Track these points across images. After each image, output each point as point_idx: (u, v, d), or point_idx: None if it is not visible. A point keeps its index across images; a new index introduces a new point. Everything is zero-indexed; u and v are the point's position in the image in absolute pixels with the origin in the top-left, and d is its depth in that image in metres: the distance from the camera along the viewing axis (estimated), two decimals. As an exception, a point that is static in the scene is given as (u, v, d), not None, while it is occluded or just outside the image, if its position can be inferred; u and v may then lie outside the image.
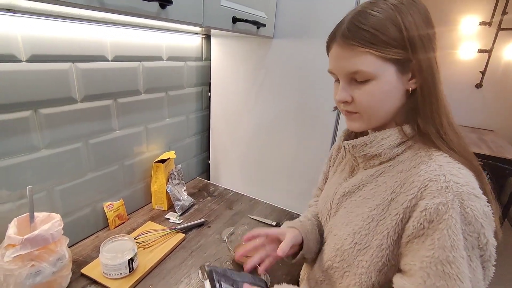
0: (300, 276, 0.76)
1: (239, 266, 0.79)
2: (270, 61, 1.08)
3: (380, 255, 0.50)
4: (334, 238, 0.58)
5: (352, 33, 0.48)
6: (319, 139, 1.05)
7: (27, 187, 0.68)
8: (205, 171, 1.45)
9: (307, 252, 0.65)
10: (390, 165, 0.53)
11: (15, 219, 0.68)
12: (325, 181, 0.77)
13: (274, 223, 1.04)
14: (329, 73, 0.56)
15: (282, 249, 0.58)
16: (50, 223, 0.67)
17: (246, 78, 1.15)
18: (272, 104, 1.12)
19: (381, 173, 0.54)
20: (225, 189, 1.29)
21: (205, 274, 0.57)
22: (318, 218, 0.73)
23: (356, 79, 0.50)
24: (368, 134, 0.58)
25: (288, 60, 1.04)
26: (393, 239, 0.49)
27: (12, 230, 0.65)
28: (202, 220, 1.02)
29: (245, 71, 1.14)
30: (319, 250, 0.65)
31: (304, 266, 0.72)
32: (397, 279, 0.48)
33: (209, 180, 1.39)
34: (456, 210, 0.43)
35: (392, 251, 0.50)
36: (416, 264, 0.45)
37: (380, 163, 0.55)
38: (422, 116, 0.50)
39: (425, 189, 0.46)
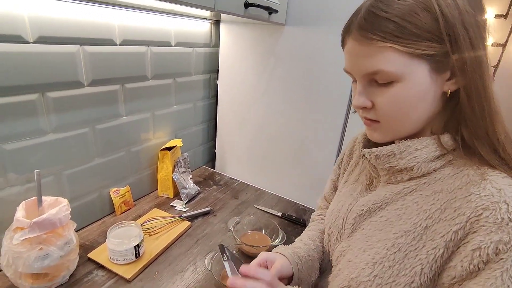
0: None
1: (244, 256, 0.79)
2: (280, 49, 1.05)
3: None
4: (348, 265, 0.48)
5: (370, 24, 0.38)
6: (329, 132, 1.03)
7: (35, 171, 0.68)
8: (211, 160, 1.45)
9: (298, 284, 0.58)
10: (425, 183, 0.43)
11: (23, 202, 0.68)
12: (334, 191, 0.70)
13: (279, 214, 1.04)
14: (345, 73, 0.47)
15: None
16: (57, 207, 0.67)
17: (255, 66, 1.12)
18: (281, 93, 1.10)
19: (411, 191, 0.44)
20: (230, 178, 1.28)
21: (225, 255, 0.54)
22: (319, 238, 0.65)
23: (377, 81, 0.41)
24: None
25: (299, 48, 1.01)
26: (428, 277, 0.40)
27: (20, 213, 0.65)
28: (208, 208, 1.02)
29: (255, 59, 1.12)
30: (324, 271, 0.59)
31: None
32: None
33: (214, 169, 1.39)
34: None
35: None
36: None
37: (410, 179, 0.45)
38: (468, 124, 0.40)
39: (477, 220, 0.36)
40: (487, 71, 0.38)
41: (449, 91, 0.40)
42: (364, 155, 0.49)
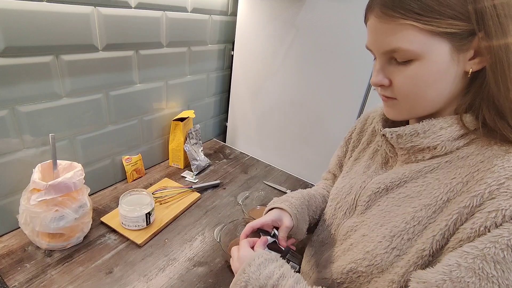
0: (301, 269, 0.65)
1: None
2: (302, 20, 0.99)
3: (418, 262, 0.40)
4: (363, 239, 0.48)
5: (391, 0, 0.38)
6: (346, 110, 1.00)
7: (50, 134, 0.68)
8: (222, 133, 1.44)
9: (296, 234, 0.61)
10: (447, 161, 0.42)
11: (39, 164, 0.70)
12: (339, 167, 0.69)
13: (288, 191, 1.04)
14: (367, 50, 0.45)
15: (284, 242, 0.56)
16: (72, 171, 0.68)
17: (274, 38, 1.07)
18: (299, 68, 1.05)
19: (432, 169, 0.43)
20: (241, 152, 1.28)
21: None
22: (315, 199, 0.66)
23: (396, 59, 0.40)
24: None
25: (321, 20, 0.95)
26: (440, 244, 0.39)
27: (36, 175, 0.66)
28: (218, 181, 1.03)
29: (273, 30, 1.06)
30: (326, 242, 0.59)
31: (308, 258, 0.63)
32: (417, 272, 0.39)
33: (225, 142, 1.38)
34: None
35: (434, 257, 0.40)
36: (449, 257, 0.36)
37: (432, 157, 0.44)
38: (493, 104, 0.38)
39: (498, 189, 0.35)
40: None
41: (471, 70, 0.39)
42: (384, 135, 0.48)
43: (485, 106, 0.39)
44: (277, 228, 0.59)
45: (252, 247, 0.54)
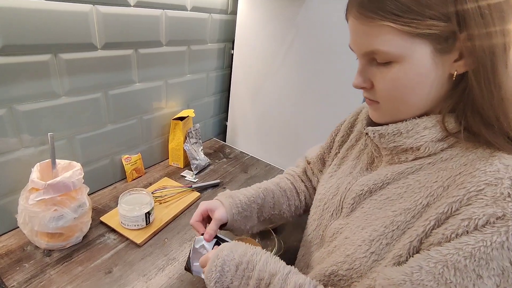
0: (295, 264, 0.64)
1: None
2: (302, 20, 0.99)
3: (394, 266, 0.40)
4: (345, 242, 0.47)
5: (369, 1, 0.36)
6: (345, 110, 0.99)
7: (48, 133, 0.68)
8: (222, 132, 1.43)
9: (233, 231, 0.62)
10: (430, 162, 0.41)
11: (38, 164, 0.69)
12: (320, 160, 0.68)
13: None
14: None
15: (209, 234, 0.56)
16: (71, 171, 0.67)
17: (274, 37, 1.07)
18: (299, 68, 1.05)
19: (414, 171, 0.42)
20: (241, 152, 1.28)
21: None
22: (273, 194, 0.66)
23: (377, 60, 0.39)
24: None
25: (323, 20, 0.95)
26: (416, 250, 0.38)
27: (35, 174, 0.65)
28: (218, 181, 1.03)
29: (274, 29, 1.06)
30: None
31: (299, 258, 0.63)
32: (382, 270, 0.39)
33: (225, 141, 1.38)
34: None
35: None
36: (415, 259, 0.36)
37: (415, 159, 0.42)
38: (477, 109, 0.37)
39: (476, 194, 0.34)
40: (501, 54, 0.34)
41: (456, 73, 0.37)
42: (367, 134, 0.47)
43: (469, 112, 0.37)
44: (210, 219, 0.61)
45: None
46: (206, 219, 0.62)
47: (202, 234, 0.57)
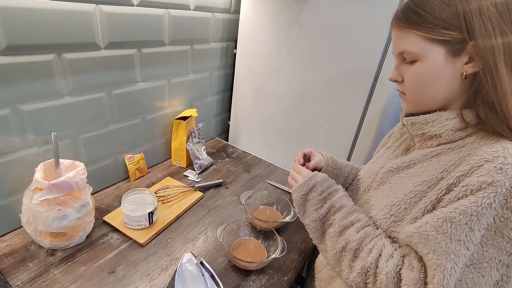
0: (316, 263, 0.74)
1: (255, 229, 0.79)
2: (305, 19, 0.98)
3: None
4: (370, 208, 0.58)
5: (404, 14, 0.49)
6: (349, 110, 0.99)
7: (52, 133, 0.68)
8: (224, 132, 1.43)
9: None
10: (449, 148, 0.50)
11: (41, 163, 0.69)
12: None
13: (291, 191, 1.03)
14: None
15: (301, 162, 0.74)
16: (74, 171, 0.67)
17: (277, 36, 1.06)
18: (302, 67, 1.04)
19: (436, 154, 0.51)
20: (243, 151, 1.27)
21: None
22: (355, 173, 0.79)
23: (406, 59, 0.51)
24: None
25: (326, 19, 0.94)
26: (428, 212, 0.47)
27: (39, 174, 0.66)
28: (220, 180, 1.02)
29: (276, 28, 1.05)
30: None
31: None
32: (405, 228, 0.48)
33: (228, 141, 1.38)
34: (501, 193, 0.39)
35: None
36: (425, 217, 0.46)
37: (438, 145, 0.52)
38: (485, 102, 0.46)
39: (477, 168, 0.43)
40: (500, 57, 0.43)
41: (465, 73, 0.47)
42: (403, 123, 0.57)
43: (481, 103, 0.46)
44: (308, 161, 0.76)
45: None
46: (306, 161, 0.76)
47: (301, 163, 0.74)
